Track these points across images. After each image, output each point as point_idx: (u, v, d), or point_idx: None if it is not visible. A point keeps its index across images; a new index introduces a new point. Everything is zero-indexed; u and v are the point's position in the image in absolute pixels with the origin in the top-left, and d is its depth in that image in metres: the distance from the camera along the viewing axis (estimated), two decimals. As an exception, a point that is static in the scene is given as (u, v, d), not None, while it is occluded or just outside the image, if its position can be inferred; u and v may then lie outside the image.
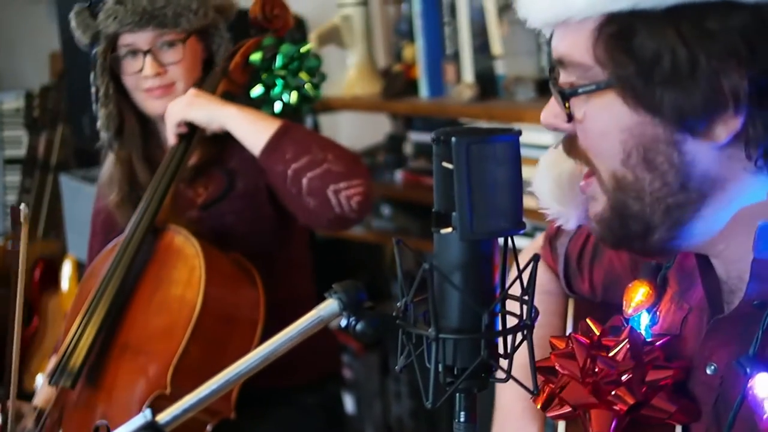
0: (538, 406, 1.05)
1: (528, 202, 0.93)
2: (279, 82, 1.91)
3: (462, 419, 0.89)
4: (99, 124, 1.93)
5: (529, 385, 0.88)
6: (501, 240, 0.87)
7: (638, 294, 1.09)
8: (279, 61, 1.91)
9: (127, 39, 1.86)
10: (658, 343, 1.03)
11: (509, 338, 0.88)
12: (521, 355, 0.88)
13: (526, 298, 0.87)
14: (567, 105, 0.95)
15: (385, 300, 2.82)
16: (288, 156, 1.79)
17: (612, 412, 1.01)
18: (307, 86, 1.93)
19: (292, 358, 1.81)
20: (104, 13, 1.84)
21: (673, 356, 1.03)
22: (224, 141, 1.91)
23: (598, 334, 1.05)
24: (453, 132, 0.84)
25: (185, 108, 1.85)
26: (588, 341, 1.04)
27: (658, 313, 1.08)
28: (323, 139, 1.90)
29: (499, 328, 0.86)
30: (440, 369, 0.86)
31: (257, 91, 1.92)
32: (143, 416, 0.89)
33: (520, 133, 0.86)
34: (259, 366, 0.87)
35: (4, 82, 4.73)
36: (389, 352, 2.69)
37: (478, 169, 0.83)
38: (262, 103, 1.92)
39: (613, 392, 1.00)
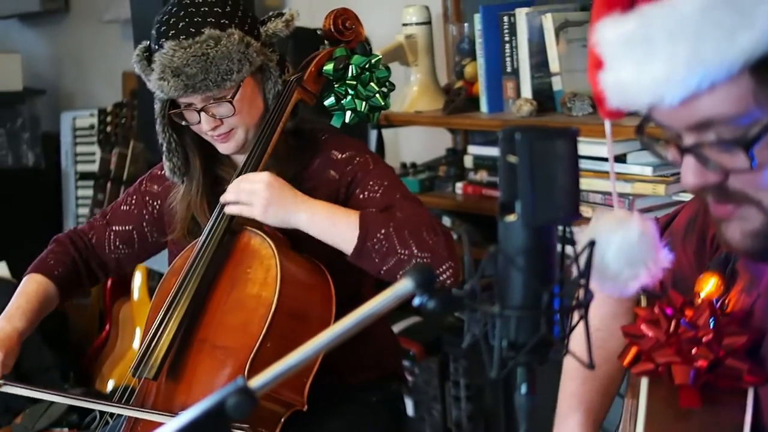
0: (625, 364, 1.16)
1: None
2: (350, 91, 1.98)
3: (523, 391, 0.99)
4: (166, 173, 2.03)
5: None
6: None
7: (708, 285, 1.16)
8: (351, 71, 1.99)
9: (183, 99, 1.93)
10: (732, 316, 1.13)
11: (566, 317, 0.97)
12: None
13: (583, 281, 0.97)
14: (749, 154, 0.99)
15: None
16: (376, 260, 1.79)
17: (692, 369, 1.11)
18: (377, 96, 2.00)
19: (360, 356, 1.92)
20: (153, 84, 1.91)
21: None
22: (303, 162, 1.98)
23: (680, 302, 1.15)
24: (517, 129, 0.94)
25: (260, 215, 1.85)
26: (671, 309, 1.14)
27: (726, 302, 1.16)
28: (402, 227, 1.81)
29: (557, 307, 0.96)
30: (503, 345, 0.96)
31: (329, 100, 2.01)
32: (235, 383, 0.99)
33: (577, 131, 0.95)
34: (341, 338, 0.97)
35: (78, 100, 4.88)
36: (449, 358, 2.77)
37: (540, 163, 0.92)
38: (334, 112, 2.01)
39: (693, 350, 1.11)
